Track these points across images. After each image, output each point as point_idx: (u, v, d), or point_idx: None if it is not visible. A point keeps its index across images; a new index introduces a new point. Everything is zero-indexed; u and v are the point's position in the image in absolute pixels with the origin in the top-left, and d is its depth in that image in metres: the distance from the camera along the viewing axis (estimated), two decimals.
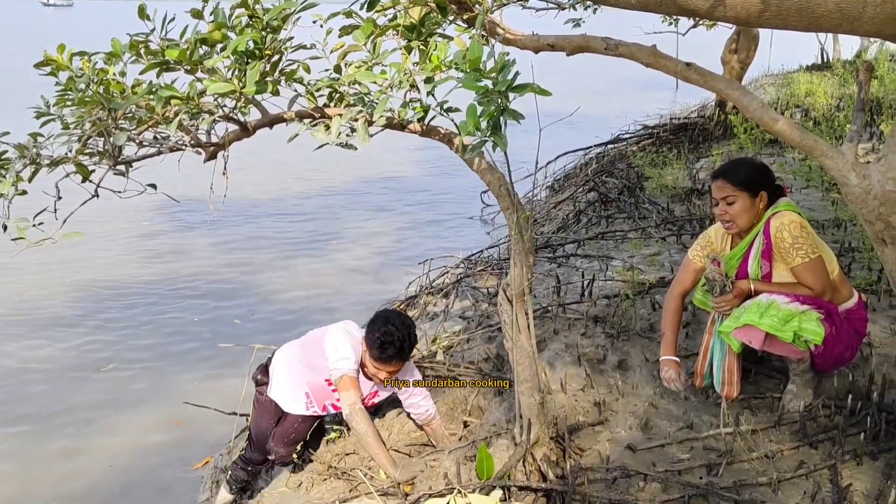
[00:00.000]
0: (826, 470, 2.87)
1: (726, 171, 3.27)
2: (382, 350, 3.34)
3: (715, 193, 3.28)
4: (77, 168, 2.78)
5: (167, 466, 4.62)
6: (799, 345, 3.04)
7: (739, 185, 3.21)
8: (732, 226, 3.27)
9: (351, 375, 3.40)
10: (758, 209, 3.22)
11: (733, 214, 3.23)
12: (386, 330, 3.34)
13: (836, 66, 14.93)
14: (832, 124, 8.53)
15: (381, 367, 3.40)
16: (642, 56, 2.51)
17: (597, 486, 2.93)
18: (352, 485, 3.50)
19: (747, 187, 3.20)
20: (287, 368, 3.67)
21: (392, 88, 2.60)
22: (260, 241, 9.20)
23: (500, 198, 2.89)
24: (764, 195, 3.22)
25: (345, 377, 3.40)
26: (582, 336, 4.20)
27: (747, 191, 3.20)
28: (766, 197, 3.23)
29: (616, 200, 7.38)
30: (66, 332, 6.59)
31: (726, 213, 3.24)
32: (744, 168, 3.27)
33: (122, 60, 2.71)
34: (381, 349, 3.34)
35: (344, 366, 3.41)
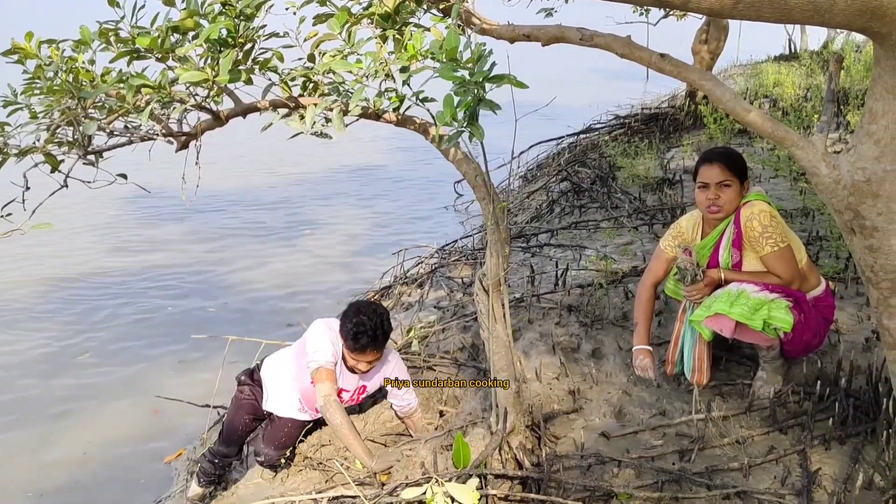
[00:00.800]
0: (796, 455, 2.93)
1: (723, 156, 3.28)
2: (356, 340, 3.34)
3: (707, 177, 3.27)
4: (46, 158, 2.73)
5: (140, 458, 4.57)
6: (768, 332, 3.09)
7: (736, 171, 3.25)
8: (720, 211, 3.28)
9: (327, 368, 3.40)
10: (741, 197, 3.27)
11: (726, 199, 3.25)
12: (358, 320, 3.34)
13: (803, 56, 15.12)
14: (800, 114, 8.65)
15: (357, 357, 3.40)
16: (617, 47, 2.52)
17: (572, 473, 2.96)
18: (328, 475, 3.49)
19: (740, 174, 3.26)
20: (278, 376, 3.66)
21: (367, 78, 2.59)
22: (232, 231, 9.12)
23: (475, 188, 2.89)
24: (746, 185, 3.28)
25: (321, 369, 3.39)
26: (556, 325, 4.23)
27: (739, 178, 3.26)
28: (747, 188, 3.28)
29: (589, 190, 7.43)
30: (35, 325, 6.48)
31: (719, 198, 3.25)
32: (735, 155, 3.31)
33: (92, 48, 2.66)
34: (354, 339, 3.34)
35: (320, 358, 3.40)
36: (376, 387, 3.71)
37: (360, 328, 3.33)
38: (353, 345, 3.36)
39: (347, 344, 3.38)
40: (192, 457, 4.46)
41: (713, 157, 3.31)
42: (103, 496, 4.27)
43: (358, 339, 3.34)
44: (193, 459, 4.43)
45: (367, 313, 3.37)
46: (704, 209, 3.34)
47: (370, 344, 3.37)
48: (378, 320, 3.38)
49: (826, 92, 2.27)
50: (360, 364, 3.43)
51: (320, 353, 3.42)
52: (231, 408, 3.80)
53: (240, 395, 3.76)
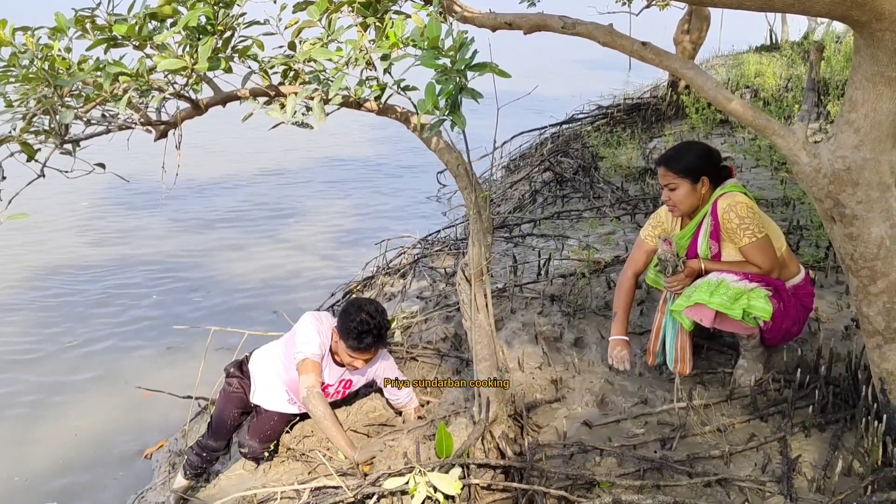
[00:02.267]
0: (776, 442, 2.95)
1: (668, 159, 3.34)
2: (360, 339, 3.30)
3: (660, 179, 3.37)
4: (22, 147, 2.68)
5: (121, 450, 4.54)
6: (748, 321, 3.11)
7: (680, 172, 3.28)
8: (675, 210, 3.37)
9: (313, 360, 3.38)
10: (700, 194, 3.30)
11: (676, 200, 3.33)
12: (361, 319, 3.30)
13: (784, 47, 15.20)
14: (781, 104, 8.70)
15: (358, 355, 3.37)
16: (599, 35, 2.52)
17: (554, 462, 2.97)
18: (310, 467, 3.48)
19: (688, 174, 3.28)
20: (266, 367, 3.64)
21: (348, 66, 2.56)
22: (213, 222, 9.05)
23: (457, 177, 2.88)
24: (706, 180, 3.29)
25: (307, 360, 3.37)
26: (539, 315, 4.23)
27: (688, 177, 3.28)
28: (708, 182, 3.29)
29: (571, 180, 7.43)
30: (13, 317, 6.41)
31: (670, 199, 3.34)
32: (686, 155, 3.33)
33: (68, 36, 2.61)
34: (358, 339, 3.30)
35: (307, 349, 3.38)
36: (362, 383, 3.69)
37: (363, 326, 3.29)
38: (357, 343, 3.31)
39: (349, 343, 3.33)
40: (174, 448, 4.43)
41: (659, 159, 3.39)
42: (84, 488, 4.24)
43: (362, 338, 3.30)
44: (175, 451, 4.40)
45: (369, 311, 3.34)
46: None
47: (374, 343, 3.35)
48: (381, 318, 3.36)
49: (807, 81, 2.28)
50: (357, 361, 3.40)
51: (308, 344, 3.40)
52: (220, 400, 3.77)
53: (228, 387, 3.73)
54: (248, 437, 3.56)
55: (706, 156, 3.34)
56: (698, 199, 3.31)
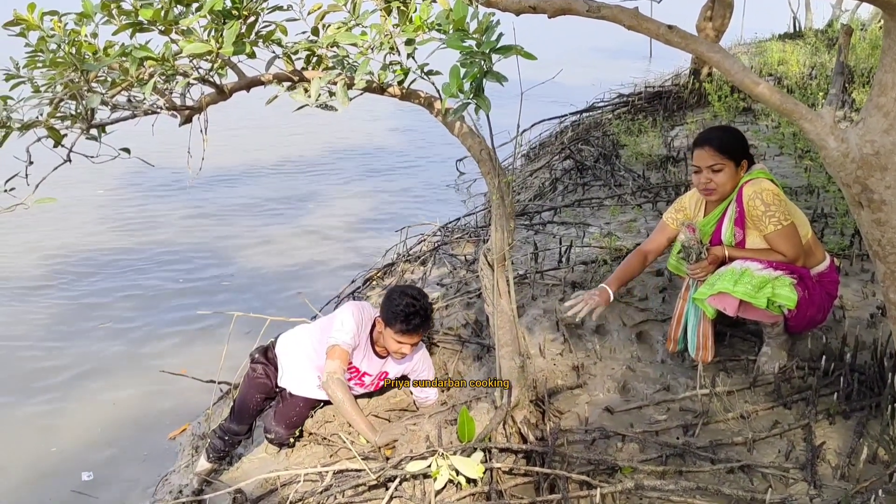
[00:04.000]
0: (800, 429, 2.94)
1: (713, 139, 3.24)
2: (408, 321, 3.31)
3: (699, 161, 3.25)
4: (49, 132, 2.71)
5: (145, 433, 4.61)
6: (773, 310, 3.09)
7: (726, 153, 3.20)
8: (714, 193, 3.26)
9: (343, 347, 3.40)
10: (738, 178, 3.24)
11: (719, 182, 3.22)
12: (408, 302, 3.33)
13: (808, 34, 15.00)
14: (805, 92, 8.60)
15: (405, 339, 3.37)
16: (624, 18, 2.49)
17: (576, 447, 2.98)
18: (332, 450, 3.51)
19: (733, 155, 3.21)
20: (296, 352, 3.67)
21: (372, 50, 2.57)
22: (235, 208, 9.12)
23: (480, 162, 2.88)
24: (745, 163, 3.24)
25: (337, 346, 3.40)
26: (560, 301, 4.22)
27: (732, 159, 3.21)
28: (746, 166, 3.25)
29: (592, 168, 7.40)
30: (39, 300, 6.51)
31: (711, 181, 3.23)
32: (729, 136, 3.26)
33: (94, 21, 2.63)
34: (406, 321, 3.31)
35: (340, 336, 3.41)
36: (399, 373, 3.71)
37: (410, 309, 3.31)
38: (405, 326, 3.32)
39: (396, 327, 3.34)
40: (197, 432, 4.48)
41: (704, 140, 3.27)
42: (109, 470, 4.30)
43: (410, 319, 3.31)
44: (198, 434, 4.45)
45: (413, 295, 3.38)
46: (700, 192, 3.33)
47: (423, 324, 3.37)
48: (425, 301, 3.40)
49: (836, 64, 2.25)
50: (404, 346, 3.40)
51: (343, 332, 3.43)
52: (243, 385, 3.80)
53: (252, 373, 3.75)
54: (274, 423, 3.59)
55: (743, 139, 3.30)
56: (736, 182, 3.25)
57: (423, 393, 3.70)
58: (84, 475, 4.25)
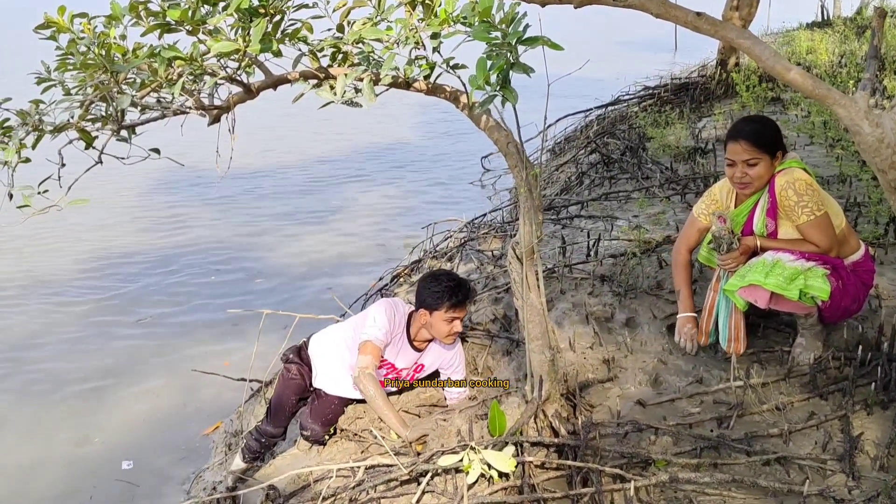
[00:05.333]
0: (837, 420, 2.89)
1: (748, 133, 3.16)
2: (454, 294, 3.39)
3: (733, 155, 3.18)
4: (80, 134, 2.74)
5: (178, 430, 4.66)
6: (806, 301, 3.04)
7: (762, 146, 3.13)
8: (749, 188, 3.21)
9: (375, 343, 3.41)
10: (774, 169, 3.18)
11: (754, 176, 3.16)
12: (445, 280, 3.46)
13: (836, 23, 14.77)
14: (835, 80, 8.47)
15: (457, 313, 3.44)
16: (651, 6, 2.47)
17: (608, 441, 2.95)
18: (363, 446, 3.52)
19: (769, 148, 3.15)
20: (330, 352, 3.68)
21: (398, 45, 2.57)
22: (262, 207, 9.21)
23: (507, 156, 2.87)
24: (780, 155, 3.19)
25: (369, 342, 3.41)
26: (589, 295, 4.20)
27: (768, 152, 3.15)
28: (782, 157, 3.19)
29: (619, 161, 7.34)
30: (74, 299, 6.64)
31: (746, 175, 3.17)
32: (764, 128, 3.19)
33: (123, 23, 2.66)
34: (453, 294, 3.39)
35: (372, 333, 3.43)
36: (434, 367, 3.72)
37: (453, 282, 3.44)
38: (456, 299, 3.41)
39: (446, 304, 3.40)
40: (230, 429, 4.52)
41: (738, 133, 3.18)
42: (143, 467, 4.36)
43: (455, 293, 3.40)
44: (230, 432, 4.49)
45: (446, 273, 3.55)
46: (734, 185, 3.28)
47: (469, 293, 3.48)
48: (459, 277, 3.55)
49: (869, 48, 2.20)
50: (456, 323, 3.47)
51: (375, 328, 3.45)
52: (278, 386, 3.81)
53: (286, 373, 3.76)
54: (310, 421, 3.60)
55: (778, 129, 3.23)
56: (771, 175, 3.20)
57: (454, 394, 3.70)
58: (124, 463, 4.38)
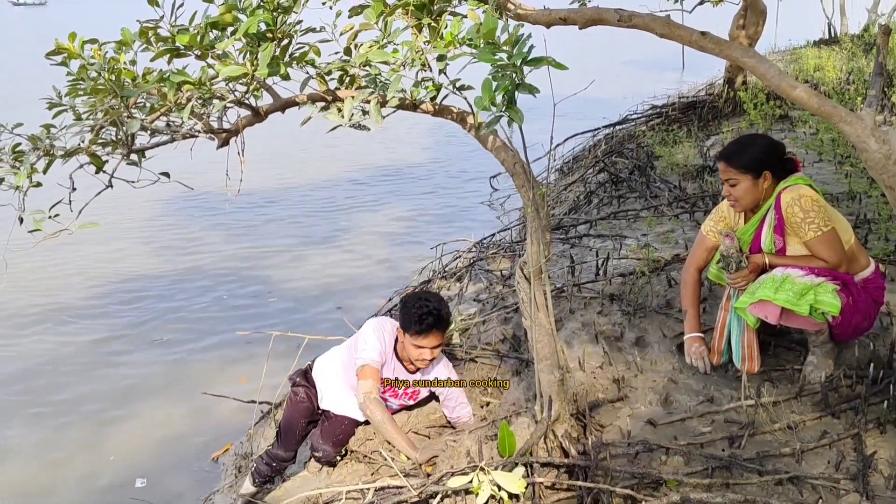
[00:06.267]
0: (850, 439, 2.86)
1: (728, 154, 3.27)
2: (421, 321, 3.35)
3: (720, 174, 3.31)
4: (91, 158, 2.77)
5: (188, 453, 4.66)
6: (816, 317, 3.03)
7: (741, 167, 3.21)
8: (737, 205, 3.30)
9: (372, 366, 3.42)
10: (762, 189, 3.22)
11: (736, 195, 3.25)
12: (420, 304, 3.40)
13: (843, 40, 14.79)
14: (843, 97, 8.47)
15: (422, 342, 3.40)
16: (657, 26, 2.49)
17: (619, 461, 2.93)
18: (373, 468, 3.51)
19: (749, 169, 3.20)
20: (332, 374, 3.69)
21: (404, 67, 2.59)
22: (272, 229, 9.24)
23: (514, 175, 2.88)
24: (768, 175, 3.20)
25: (366, 366, 3.42)
26: (598, 314, 4.19)
27: (749, 172, 3.20)
28: (771, 177, 3.21)
29: (627, 180, 7.34)
30: (85, 324, 6.67)
31: (730, 194, 3.27)
32: (747, 149, 3.25)
33: (133, 49, 2.69)
34: (419, 321, 3.35)
35: (367, 356, 3.43)
36: (427, 392, 3.72)
37: (423, 310, 3.37)
38: (419, 327, 3.37)
39: (412, 329, 3.38)
40: (239, 451, 4.52)
41: (720, 154, 3.33)
42: (153, 490, 4.35)
43: (423, 319, 3.36)
44: (240, 454, 4.48)
45: (427, 297, 3.46)
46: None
47: (435, 324, 3.39)
48: (438, 303, 3.45)
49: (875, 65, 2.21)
50: (424, 352, 3.42)
51: (368, 350, 3.46)
52: (287, 410, 3.81)
53: (294, 396, 3.76)
54: (321, 442, 3.59)
55: (769, 150, 3.25)
56: (760, 193, 3.23)
57: (455, 413, 3.69)
58: (138, 481, 4.41)
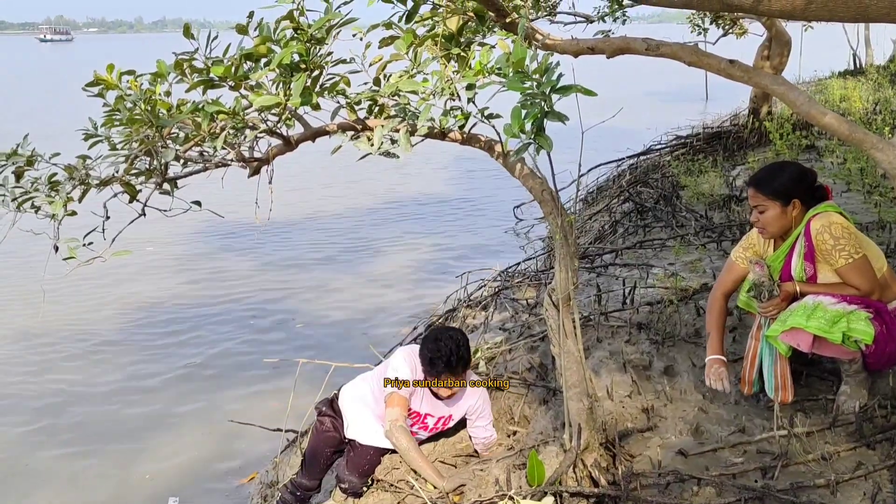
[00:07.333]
0: (885, 470, 2.81)
1: (758, 181, 3.27)
2: (432, 365, 3.39)
3: (749, 200, 3.31)
4: (124, 187, 2.82)
5: (214, 482, 4.66)
6: (849, 345, 2.99)
7: (770, 194, 3.20)
8: (765, 232, 3.29)
9: (400, 394, 3.43)
10: (790, 217, 3.21)
11: (765, 222, 3.25)
12: (434, 346, 3.40)
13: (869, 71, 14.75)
14: (870, 127, 8.42)
15: (433, 382, 3.45)
16: (685, 55, 2.51)
17: (650, 491, 2.89)
18: (399, 497, 3.48)
19: (778, 196, 3.19)
20: (359, 403, 3.68)
21: (434, 96, 2.62)
22: (298, 259, 9.33)
23: (542, 203, 2.89)
24: (797, 203, 3.19)
25: (394, 394, 3.43)
26: (626, 343, 4.16)
27: (779, 200, 3.19)
28: (800, 204, 3.20)
29: (652, 209, 7.33)
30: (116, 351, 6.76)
31: (759, 221, 3.27)
32: (777, 176, 3.24)
33: (168, 80, 2.75)
34: (430, 364, 3.39)
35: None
36: (461, 415, 3.70)
37: (435, 354, 3.38)
38: (429, 369, 3.42)
39: (424, 369, 3.44)
40: (265, 480, 4.51)
41: (750, 180, 3.33)
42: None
43: (434, 364, 3.39)
44: (266, 483, 4.48)
45: (444, 339, 3.43)
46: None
47: (445, 370, 3.40)
48: (454, 346, 3.42)
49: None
50: (439, 390, 3.47)
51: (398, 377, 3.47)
52: (312, 439, 3.80)
53: (320, 426, 3.74)
54: (347, 473, 3.57)
55: (799, 177, 3.24)
56: (789, 221, 3.22)
57: (480, 433, 3.67)
58: (171, 500, 4.44)
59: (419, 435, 3.65)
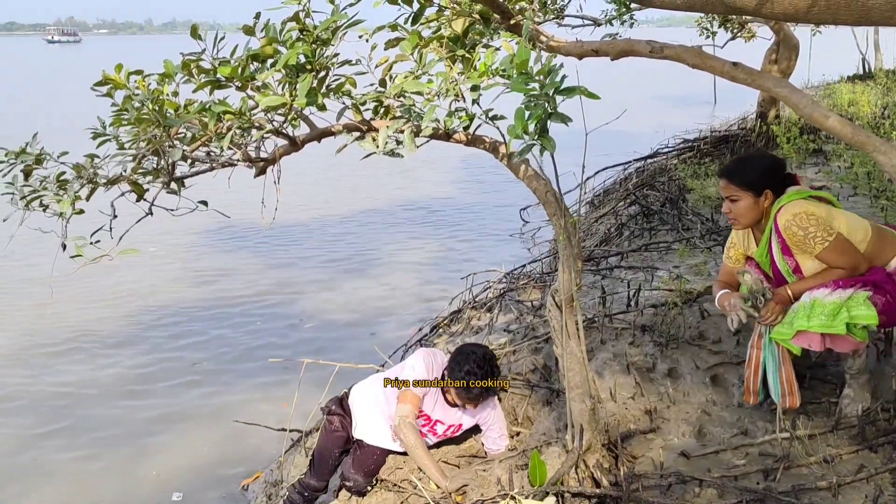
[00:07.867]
0: (888, 473, 2.81)
1: (730, 172, 3.26)
2: (469, 392, 3.42)
3: (721, 191, 3.29)
4: (132, 186, 2.84)
5: (218, 482, 4.68)
6: (857, 334, 2.95)
7: (743, 185, 3.19)
8: (737, 223, 3.28)
9: (415, 392, 3.44)
10: (762, 207, 3.20)
11: (737, 213, 3.23)
12: (469, 370, 3.40)
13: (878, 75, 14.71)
14: (878, 132, 8.40)
15: (467, 402, 3.50)
16: (688, 57, 2.52)
17: (652, 493, 2.90)
18: (403, 496, 3.50)
19: (750, 187, 3.18)
20: (369, 403, 3.70)
21: (438, 97, 2.64)
22: (304, 259, 9.36)
23: (546, 204, 2.90)
24: (769, 194, 3.18)
25: (407, 392, 3.44)
26: (630, 345, 4.17)
27: (751, 190, 3.18)
28: (772, 195, 3.18)
29: (659, 213, 7.32)
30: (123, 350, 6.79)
31: (731, 212, 3.25)
32: (749, 168, 3.24)
33: (175, 81, 2.78)
34: (467, 391, 3.42)
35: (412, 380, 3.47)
36: (471, 425, 3.72)
37: (471, 378, 3.40)
38: (466, 395, 3.44)
39: (459, 393, 3.46)
40: (269, 479, 4.53)
41: (721, 171, 3.32)
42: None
43: (471, 390, 3.41)
44: (270, 482, 4.50)
45: (478, 362, 3.43)
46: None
47: (483, 395, 3.46)
48: (489, 368, 3.44)
49: None
50: (467, 404, 3.51)
51: (414, 376, 3.49)
52: (321, 439, 3.81)
53: (329, 426, 3.75)
54: (352, 472, 3.58)
55: (771, 168, 3.23)
56: (760, 212, 3.21)
57: (493, 444, 3.68)
58: (175, 495, 4.50)
59: (428, 439, 3.66)
